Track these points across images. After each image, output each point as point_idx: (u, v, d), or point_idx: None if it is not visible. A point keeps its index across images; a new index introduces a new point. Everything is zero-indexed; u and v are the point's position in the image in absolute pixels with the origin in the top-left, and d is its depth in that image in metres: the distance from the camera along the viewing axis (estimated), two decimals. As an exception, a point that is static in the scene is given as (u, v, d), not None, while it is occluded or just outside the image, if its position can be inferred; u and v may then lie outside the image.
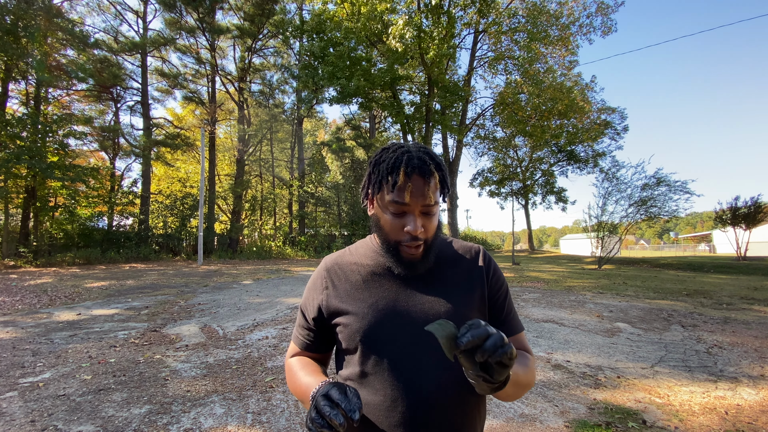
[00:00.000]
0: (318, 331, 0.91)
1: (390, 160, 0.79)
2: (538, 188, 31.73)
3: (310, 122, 34.82)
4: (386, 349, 0.80)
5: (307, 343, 0.92)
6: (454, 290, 0.86)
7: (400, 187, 0.77)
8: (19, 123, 14.68)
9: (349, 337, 0.83)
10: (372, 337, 0.81)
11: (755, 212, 16.95)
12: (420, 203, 0.78)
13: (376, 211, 0.85)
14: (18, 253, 14.85)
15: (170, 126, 24.05)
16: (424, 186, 0.77)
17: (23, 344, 4.41)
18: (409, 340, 0.80)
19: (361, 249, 0.94)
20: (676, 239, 57.63)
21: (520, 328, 0.93)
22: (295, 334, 0.96)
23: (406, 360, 0.79)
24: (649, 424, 2.55)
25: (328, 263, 0.94)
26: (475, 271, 0.90)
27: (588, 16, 20.36)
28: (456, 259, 0.92)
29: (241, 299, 7.56)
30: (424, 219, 0.80)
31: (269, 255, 21.17)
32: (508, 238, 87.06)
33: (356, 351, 0.83)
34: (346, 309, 0.85)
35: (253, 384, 3.26)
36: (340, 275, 0.90)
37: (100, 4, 20.45)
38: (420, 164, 0.77)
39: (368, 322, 0.82)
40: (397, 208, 0.79)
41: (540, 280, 10.87)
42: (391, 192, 0.78)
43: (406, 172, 0.77)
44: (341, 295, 0.87)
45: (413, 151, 0.80)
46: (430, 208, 0.79)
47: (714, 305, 6.88)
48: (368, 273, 0.88)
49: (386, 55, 17.04)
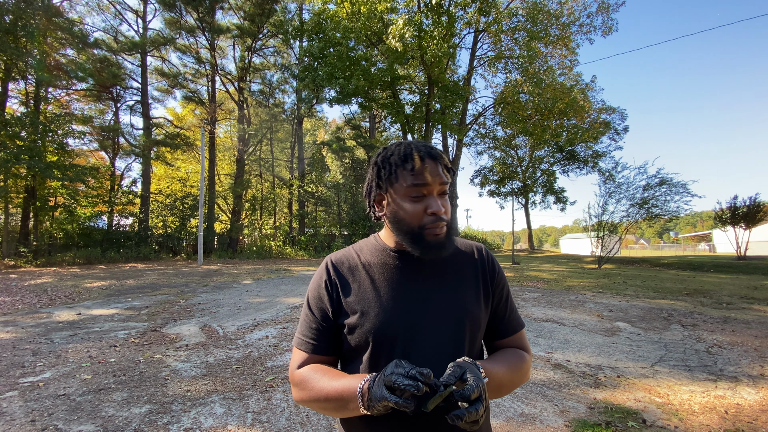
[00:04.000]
0: (329, 331, 0.88)
1: (399, 152, 0.84)
2: (538, 188, 31.75)
3: (310, 122, 34.80)
4: (397, 347, 0.80)
5: (315, 345, 0.87)
6: (461, 289, 0.87)
7: (419, 170, 0.81)
8: (18, 122, 14.67)
9: (360, 336, 0.83)
10: (384, 336, 0.81)
11: (754, 211, 16.96)
12: (438, 182, 0.82)
13: (392, 205, 0.85)
14: (18, 253, 14.85)
15: (170, 126, 24.06)
16: (437, 166, 0.83)
17: (23, 344, 4.41)
18: (420, 338, 0.81)
19: (366, 248, 0.94)
20: (676, 239, 57.62)
21: (521, 325, 0.95)
22: (301, 339, 0.89)
23: (418, 358, 0.79)
24: (649, 423, 2.55)
25: (335, 260, 0.92)
26: (479, 270, 0.92)
27: (588, 15, 20.34)
28: (460, 257, 0.92)
29: (241, 299, 7.56)
30: (442, 199, 0.83)
31: (269, 255, 21.18)
32: (508, 238, 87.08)
33: (367, 350, 0.83)
34: (355, 308, 0.84)
35: (253, 383, 3.26)
36: (347, 274, 0.89)
37: (99, 4, 20.46)
38: (428, 149, 0.84)
39: (380, 320, 0.82)
40: (417, 191, 0.81)
41: (540, 280, 10.87)
42: (411, 175, 0.81)
43: (420, 156, 0.82)
44: (350, 294, 0.87)
45: (416, 143, 0.86)
46: (446, 187, 0.84)
47: (714, 305, 6.88)
48: (376, 272, 0.88)
49: (386, 54, 17.03)
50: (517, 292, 8.46)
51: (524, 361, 0.89)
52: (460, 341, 0.82)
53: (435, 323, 0.82)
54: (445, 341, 0.81)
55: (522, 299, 7.55)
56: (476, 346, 0.88)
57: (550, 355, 4.06)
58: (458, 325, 0.83)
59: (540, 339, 4.67)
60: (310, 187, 25.42)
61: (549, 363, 3.80)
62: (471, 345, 0.85)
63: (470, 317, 0.84)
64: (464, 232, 39.14)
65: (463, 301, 0.85)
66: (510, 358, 0.87)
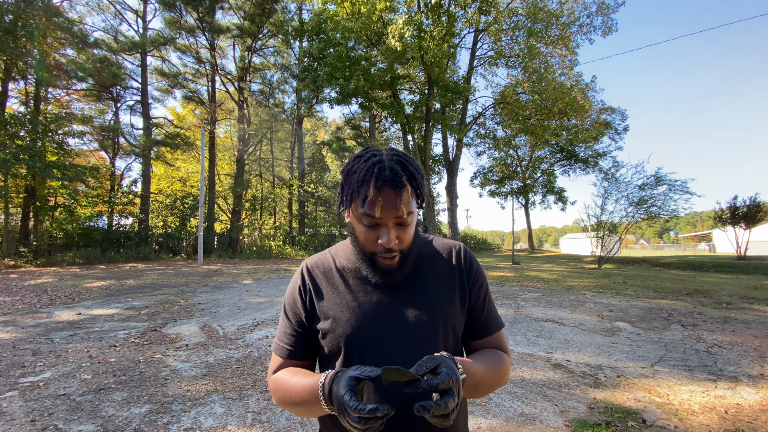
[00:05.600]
0: (303, 336, 0.88)
1: (361, 171, 0.76)
2: (538, 188, 31.75)
3: (310, 122, 34.80)
4: (369, 352, 0.80)
5: (290, 350, 0.88)
6: (435, 291, 0.86)
7: (371, 201, 0.74)
8: (18, 122, 14.66)
9: (333, 341, 0.82)
10: (355, 341, 0.80)
11: (754, 212, 16.96)
12: (392, 216, 0.75)
13: (351, 221, 0.83)
14: (18, 253, 14.85)
15: (170, 125, 24.06)
16: (396, 199, 0.74)
17: (23, 344, 4.41)
18: (392, 343, 0.80)
19: (342, 252, 0.93)
20: (676, 239, 57.63)
21: (499, 325, 0.93)
22: (277, 344, 0.90)
23: (389, 363, 0.78)
24: (649, 423, 2.55)
25: (309, 265, 0.92)
26: (456, 270, 0.90)
27: (588, 15, 20.33)
28: (436, 258, 0.91)
29: (241, 299, 7.56)
30: (399, 230, 0.78)
31: (269, 254, 21.18)
32: (508, 238, 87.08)
33: (339, 355, 0.82)
34: (328, 313, 0.84)
35: (253, 383, 3.26)
36: (321, 279, 0.89)
37: (99, 4, 20.47)
38: (391, 176, 0.74)
39: (351, 326, 0.81)
40: (369, 221, 0.77)
41: (540, 280, 10.87)
42: (362, 206, 0.76)
43: (377, 185, 0.74)
44: (323, 299, 0.86)
45: (385, 161, 0.77)
46: (404, 219, 0.77)
47: (714, 304, 6.88)
48: (350, 276, 0.88)
49: (386, 54, 17.02)
50: (517, 292, 8.46)
51: (504, 362, 0.86)
52: (433, 345, 0.81)
53: (407, 327, 0.81)
54: (417, 346, 0.80)
55: (522, 299, 7.55)
56: (452, 348, 0.85)
57: (550, 355, 4.06)
58: (431, 328, 0.81)
59: (540, 339, 4.67)
60: (310, 187, 25.42)
61: (549, 363, 3.80)
62: (445, 348, 0.83)
63: (443, 320, 0.83)
64: (464, 232, 39.14)
65: (436, 305, 0.84)
66: (489, 358, 0.84)
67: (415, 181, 0.78)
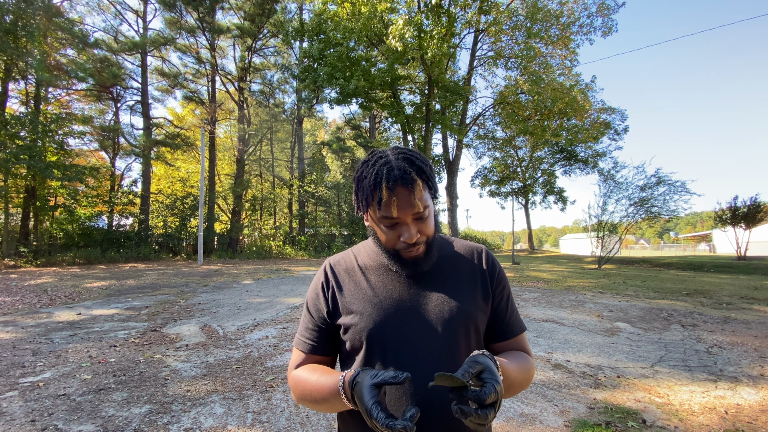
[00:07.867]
0: (326, 331, 0.89)
1: (371, 176, 0.78)
2: (538, 188, 31.75)
3: (310, 122, 34.81)
4: (391, 348, 0.80)
5: (313, 345, 0.89)
6: (458, 289, 0.87)
7: (386, 203, 0.76)
8: (18, 122, 14.67)
9: (354, 336, 0.83)
10: (377, 336, 0.81)
11: (755, 212, 16.95)
12: (409, 213, 0.77)
13: (371, 224, 0.86)
14: (18, 253, 14.85)
15: (170, 126, 24.05)
16: (410, 195, 0.76)
17: (23, 344, 4.41)
18: (414, 339, 0.81)
19: (364, 250, 0.95)
20: (676, 239, 57.64)
21: (522, 328, 0.93)
22: (299, 339, 0.92)
23: (410, 358, 0.79)
24: (649, 423, 2.55)
25: (332, 263, 0.94)
26: (479, 272, 0.91)
27: (588, 16, 20.34)
28: (459, 258, 0.92)
29: (241, 299, 7.56)
30: (419, 224, 0.80)
31: (269, 255, 21.18)
32: (508, 238, 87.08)
33: (361, 350, 0.83)
34: (350, 308, 0.85)
35: (253, 383, 3.26)
36: (343, 276, 0.91)
37: (99, 4, 20.47)
38: (401, 174, 0.76)
39: (373, 320, 0.82)
40: (388, 222, 0.79)
41: (540, 280, 10.87)
42: (378, 209, 0.78)
43: (389, 186, 0.75)
44: (346, 294, 0.88)
45: (392, 160, 0.78)
46: (421, 213, 0.78)
47: (714, 305, 6.88)
48: (372, 273, 0.89)
49: (386, 55, 17.03)
50: (517, 292, 8.45)
51: (531, 364, 0.88)
52: (454, 342, 0.81)
53: (428, 324, 0.82)
54: (438, 342, 0.80)
55: (522, 299, 7.55)
56: (473, 347, 0.85)
57: (550, 355, 4.06)
58: (452, 325, 0.82)
59: (540, 339, 4.67)
60: (310, 187, 25.40)
61: (549, 363, 3.80)
62: (467, 346, 0.83)
63: (465, 317, 0.83)
64: (464, 233, 39.12)
65: (458, 302, 0.84)
66: (520, 360, 0.85)
67: (424, 174, 0.79)
